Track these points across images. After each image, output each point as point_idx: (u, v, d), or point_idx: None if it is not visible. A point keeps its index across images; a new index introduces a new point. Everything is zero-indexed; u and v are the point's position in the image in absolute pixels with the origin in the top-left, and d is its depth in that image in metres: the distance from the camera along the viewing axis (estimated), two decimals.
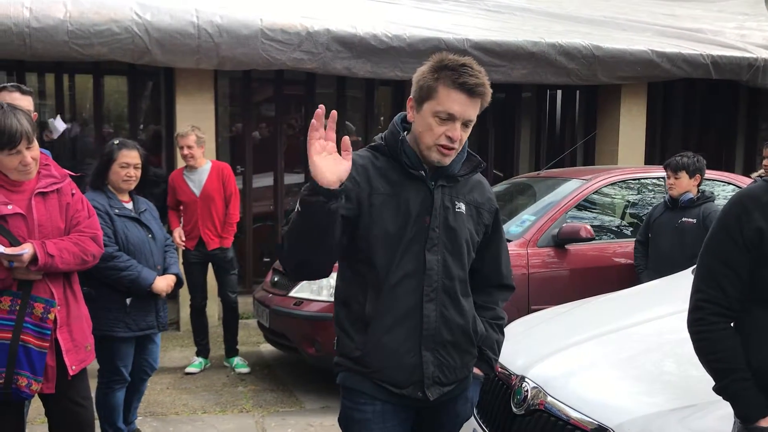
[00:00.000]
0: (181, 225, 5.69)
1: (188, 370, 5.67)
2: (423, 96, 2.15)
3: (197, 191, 5.58)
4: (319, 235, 1.98)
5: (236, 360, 5.78)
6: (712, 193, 5.20)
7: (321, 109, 1.96)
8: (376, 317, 2.18)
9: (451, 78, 2.10)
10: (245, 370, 5.69)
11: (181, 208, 5.69)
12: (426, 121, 2.14)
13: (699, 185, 5.08)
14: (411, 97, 2.21)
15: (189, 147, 5.55)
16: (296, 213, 1.98)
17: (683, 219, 4.98)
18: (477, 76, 2.12)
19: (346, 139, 1.97)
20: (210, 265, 5.74)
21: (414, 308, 2.19)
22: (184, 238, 5.60)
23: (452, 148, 2.15)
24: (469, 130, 2.18)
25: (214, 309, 6.42)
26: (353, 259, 2.24)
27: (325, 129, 1.98)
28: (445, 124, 2.12)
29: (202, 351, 5.81)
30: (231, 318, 5.78)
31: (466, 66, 2.12)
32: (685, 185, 5.02)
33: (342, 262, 2.29)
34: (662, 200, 5.28)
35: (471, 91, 2.11)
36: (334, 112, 1.99)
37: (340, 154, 1.98)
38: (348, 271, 2.28)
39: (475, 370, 2.38)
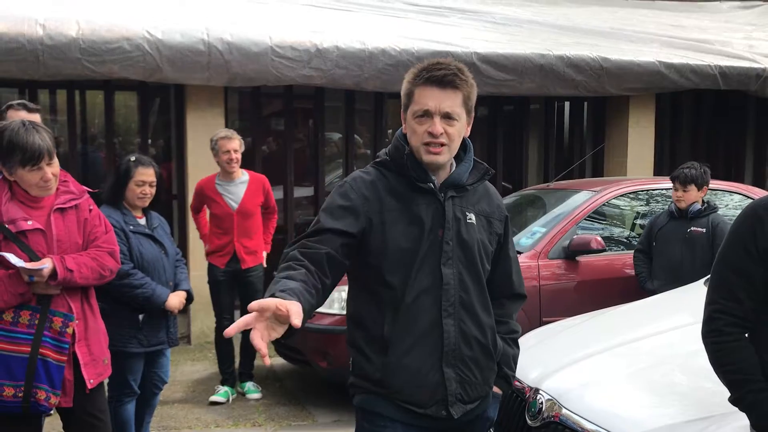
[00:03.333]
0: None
1: (213, 399, 5.30)
2: (406, 104, 2.19)
3: (234, 204, 5.22)
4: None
5: (248, 385, 5.46)
6: (716, 203, 5.25)
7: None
8: (396, 338, 2.13)
9: (422, 77, 2.13)
10: (257, 395, 5.40)
11: (209, 218, 5.37)
12: (410, 125, 2.17)
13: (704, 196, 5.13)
14: (402, 111, 2.24)
15: (235, 151, 5.16)
16: None
17: (692, 228, 5.02)
18: (446, 68, 2.12)
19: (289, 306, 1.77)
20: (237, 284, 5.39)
21: (433, 325, 2.14)
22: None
23: (439, 144, 2.12)
24: (456, 124, 2.13)
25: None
26: (366, 278, 2.20)
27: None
28: (425, 122, 2.12)
29: (229, 379, 5.42)
30: (250, 344, 5.50)
31: (436, 63, 2.15)
32: (694, 197, 5.06)
33: (353, 281, 2.26)
34: (665, 210, 5.31)
35: (440, 81, 2.11)
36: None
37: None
38: (361, 292, 2.24)
39: (494, 389, 2.33)
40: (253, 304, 1.73)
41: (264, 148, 7.86)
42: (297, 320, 1.72)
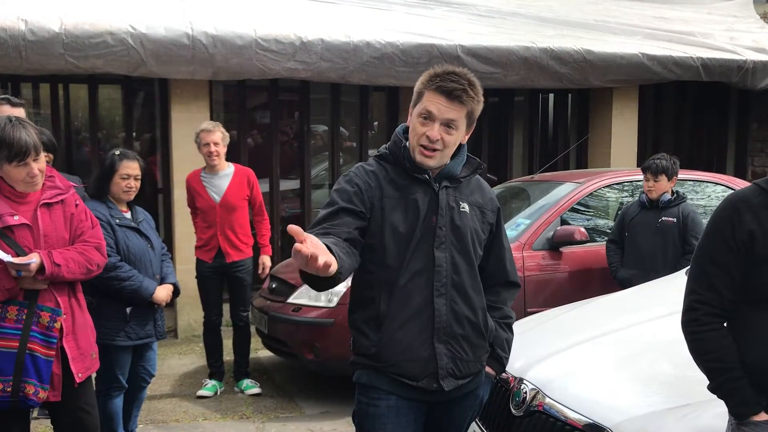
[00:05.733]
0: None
1: (200, 393, 5.28)
2: (414, 102, 2.33)
3: (217, 197, 5.17)
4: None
5: (246, 382, 5.43)
6: (684, 193, 5.38)
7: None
8: (390, 314, 2.30)
9: (435, 82, 2.27)
10: (256, 390, 5.35)
11: (198, 213, 5.30)
12: (413, 123, 2.31)
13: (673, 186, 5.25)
14: (411, 105, 2.37)
15: (215, 144, 5.10)
16: None
17: (663, 218, 5.13)
18: (458, 81, 2.26)
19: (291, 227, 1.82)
20: (225, 278, 5.34)
21: (425, 303, 2.30)
22: None
23: (433, 149, 2.27)
24: (455, 133, 2.29)
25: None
26: (366, 261, 2.33)
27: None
28: (426, 124, 2.27)
29: (216, 373, 5.41)
30: (242, 340, 5.41)
31: (451, 73, 2.29)
32: (664, 187, 5.16)
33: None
34: (635, 201, 5.40)
35: (449, 93, 2.25)
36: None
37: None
38: (361, 274, 2.38)
39: (487, 369, 2.47)
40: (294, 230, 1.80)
41: (249, 141, 7.85)
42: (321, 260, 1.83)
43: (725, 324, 2.14)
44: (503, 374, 3.00)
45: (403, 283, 2.29)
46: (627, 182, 6.08)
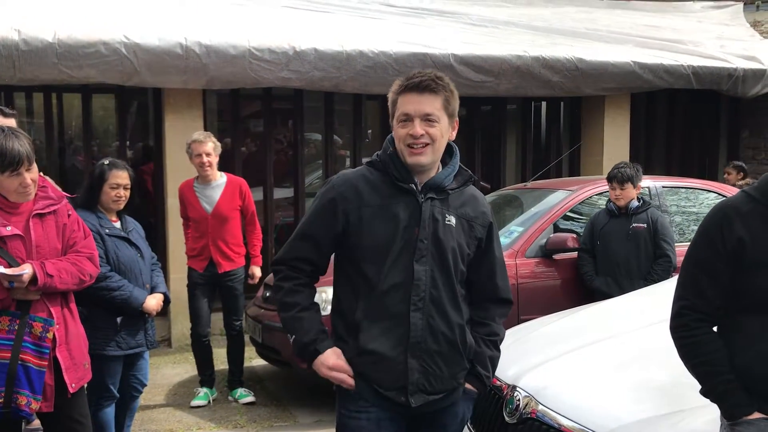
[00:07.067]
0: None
1: (194, 403, 5.27)
2: (392, 113, 2.34)
3: (209, 208, 5.16)
4: None
5: (240, 391, 5.41)
6: (649, 199, 5.51)
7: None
8: (366, 324, 2.28)
9: (403, 86, 2.30)
10: (250, 399, 5.35)
11: (190, 223, 5.30)
12: (395, 130, 2.32)
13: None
14: (390, 119, 2.38)
15: (207, 154, 5.08)
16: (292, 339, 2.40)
17: (634, 225, 5.21)
18: (424, 75, 2.29)
19: None
20: (217, 288, 5.33)
21: (402, 317, 2.27)
22: None
23: (421, 144, 2.26)
24: (437, 125, 2.27)
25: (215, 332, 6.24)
26: (347, 269, 2.34)
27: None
28: (407, 125, 2.27)
29: (207, 381, 5.40)
30: (236, 349, 5.41)
31: (416, 72, 2.32)
32: (631, 195, 5.25)
33: (337, 270, 2.40)
34: (602, 209, 5.46)
35: (418, 87, 2.26)
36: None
37: None
38: (341, 279, 2.39)
39: (467, 386, 2.42)
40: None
41: (243, 149, 7.86)
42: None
43: (714, 328, 2.16)
44: (496, 382, 3.01)
45: (380, 294, 2.27)
46: None
